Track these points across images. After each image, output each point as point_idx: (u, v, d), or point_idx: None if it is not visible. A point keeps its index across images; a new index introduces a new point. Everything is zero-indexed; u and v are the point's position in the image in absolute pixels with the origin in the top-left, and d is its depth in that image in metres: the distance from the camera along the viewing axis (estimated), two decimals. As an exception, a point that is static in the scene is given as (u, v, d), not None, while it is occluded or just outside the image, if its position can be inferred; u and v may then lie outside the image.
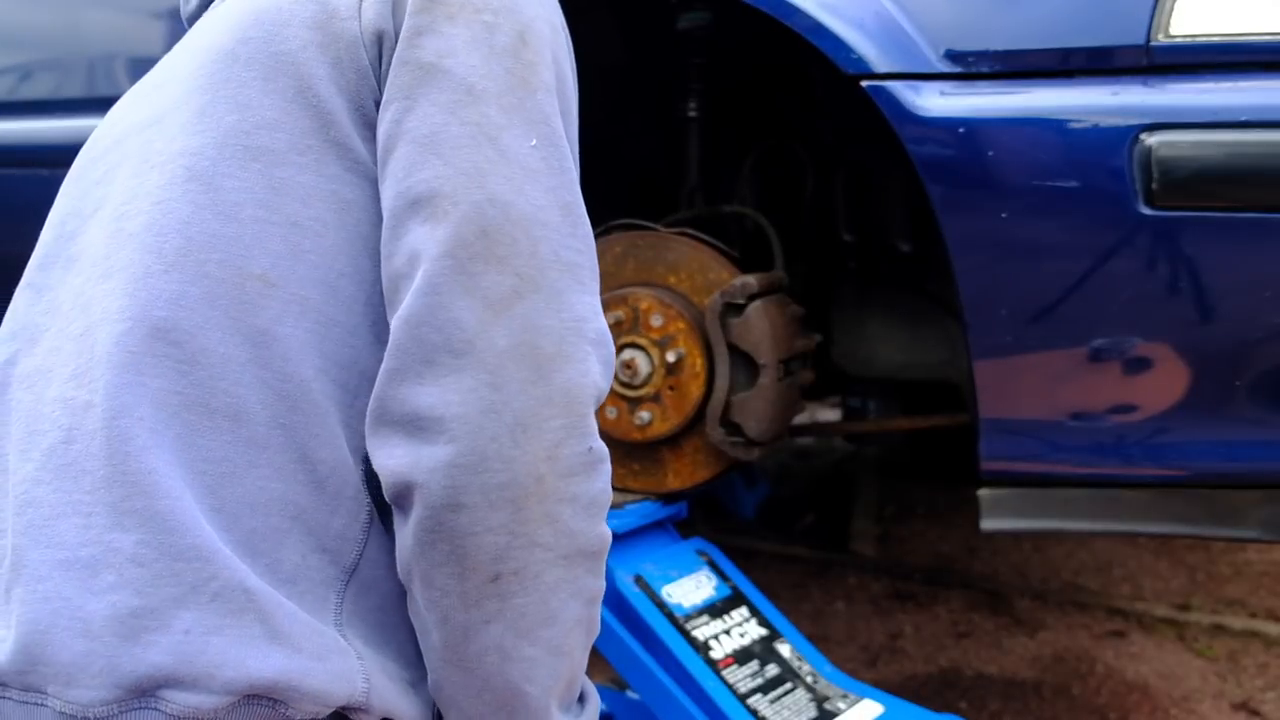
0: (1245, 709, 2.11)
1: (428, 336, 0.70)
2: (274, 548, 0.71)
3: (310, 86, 0.76)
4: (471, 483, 0.69)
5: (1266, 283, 1.24)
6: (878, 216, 1.90)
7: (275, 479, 0.72)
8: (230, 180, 0.75)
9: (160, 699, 0.66)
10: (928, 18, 1.36)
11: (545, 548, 0.72)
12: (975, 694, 2.18)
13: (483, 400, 0.69)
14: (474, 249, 0.71)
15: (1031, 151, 1.30)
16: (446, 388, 0.69)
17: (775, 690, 1.53)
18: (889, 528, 3.24)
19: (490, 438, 0.69)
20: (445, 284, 0.70)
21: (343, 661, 0.71)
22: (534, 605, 0.73)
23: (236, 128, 0.76)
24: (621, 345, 1.66)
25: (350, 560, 0.74)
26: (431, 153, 0.73)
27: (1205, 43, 1.25)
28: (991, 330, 1.37)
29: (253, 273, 0.73)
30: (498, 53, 0.76)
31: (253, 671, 0.67)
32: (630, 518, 1.67)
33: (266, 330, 0.73)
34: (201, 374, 0.71)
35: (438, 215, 0.71)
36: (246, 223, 0.74)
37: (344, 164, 0.77)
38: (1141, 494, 1.43)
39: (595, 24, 2.05)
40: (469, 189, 0.72)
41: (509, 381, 0.70)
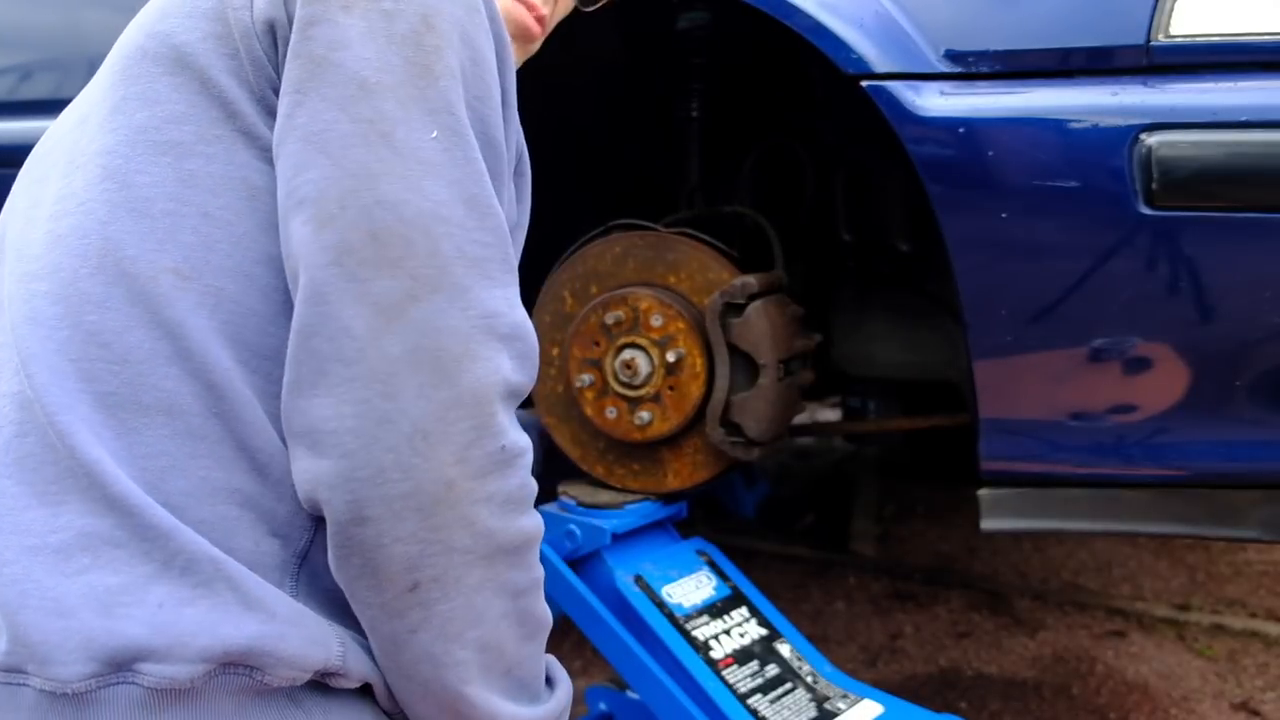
0: (1245, 709, 2.11)
1: (319, 347, 0.69)
2: (226, 536, 0.71)
3: (211, 78, 0.76)
4: (372, 495, 0.68)
5: (1266, 283, 1.24)
6: (878, 216, 1.90)
7: (217, 468, 0.72)
8: (141, 176, 0.75)
9: (137, 672, 0.67)
10: (928, 18, 1.36)
11: (463, 551, 0.71)
12: (975, 694, 2.18)
13: (376, 411, 0.67)
14: (362, 254, 0.69)
15: (1031, 151, 1.30)
16: (340, 399, 0.68)
17: (775, 690, 1.53)
18: (889, 528, 3.24)
19: (386, 448, 0.67)
20: (333, 292, 0.68)
21: (318, 627, 0.71)
22: (459, 609, 0.71)
23: (147, 124, 0.76)
24: (621, 345, 1.66)
25: (301, 545, 0.74)
26: (319, 151, 0.70)
27: (1205, 43, 1.25)
28: (991, 330, 1.37)
29: (166, 266, 0.73)
30: (396, 41, 0.73)
31: (227, 638, 0.67)
32: (630, 518, 1.67)
33: (183, 323, 0.73)
34: (130, 372, 0.72)
35: (322, 219, 0.69)
36: (158, 217, 0.74)
37: (252, 152, 0.76)
38: (1141, 494, 1.43)
39: (595, 24, 2.05)
40: (356, 191, 0.69)
41: (404, 389, 0.68)
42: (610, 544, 1.62)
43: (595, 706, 1.85)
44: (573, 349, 1.70)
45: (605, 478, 1.76)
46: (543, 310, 1.76)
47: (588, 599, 1.57)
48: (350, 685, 0.73)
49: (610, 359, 1.68)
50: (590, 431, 1.74)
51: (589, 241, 1.74)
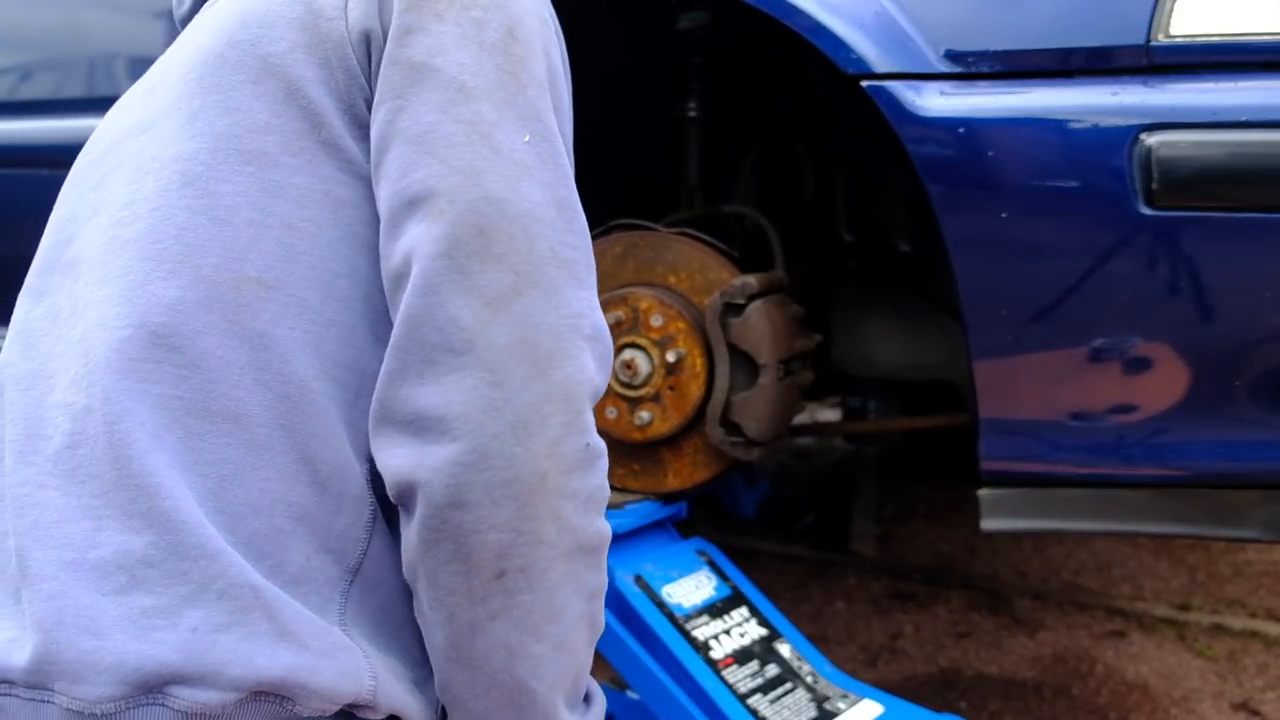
0: (1245, 709, 2.11)
1: (427, 336, 0.70)
2: (278, 549, 0.72)
3: (299, 88, 0.76)
4: (475, 480, 0.69)
5: (1266, 283, 1.24)
6: (878, 216, 1.90)
7: (278, 480, 0.72)
8: (224, 185, 0.75)
9: (168, 695, 0.67)
10: (928, 17, 1.36)
11: (550, 544, 0.72)
12: (975, 694, 2.18)
13: (484, 398, 0.69)
14: (471, 247, 0.71)
15: (1031, 151, 1.30)
16: (448, 387, 0.70)
17: (775, 690, 1.53)
18: (889, 528, 3.24)
19: (492, 435, 0.69)
20: (443, 283, 0.70)
21: (350, 659, 0.71)
22: (540, 601, 0.73)
23: (228, 132, 0.76)
24: (621, 345, 1.66)
25: (354, 560, 0.75)
26: (426, 152, 0.73)
27: (1205, 43, 1.25)
28: (991, 330, 1.37)
29: (249, 276, 0.73)
30: (487, 49, 0.76)
31: (261, 669, 0.67)
32: (630, 518, 1.67)
33: (265, 333, 0.73)
34: (201, 378, 0.72)
35: (433, 214, 0.71)
36: (241, 226, 0.74)
37: (336, 164, 0.77)
38: (1141, 494, 1.43)
39: (595, 24, 2.05)
40: (464, 187, 0.72)
41: (509, 379, 0.70)
42: (610, 544, 1.62)
43: (595, 706, 1.85)
44: (573, 349, 1.70)
45: (605, 478, 1.76)
46: (543, 310, 1.76)
47: (588, 599, 1.57)
48: (377, 717, 0.73)
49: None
50: (590, 431, 1.74)
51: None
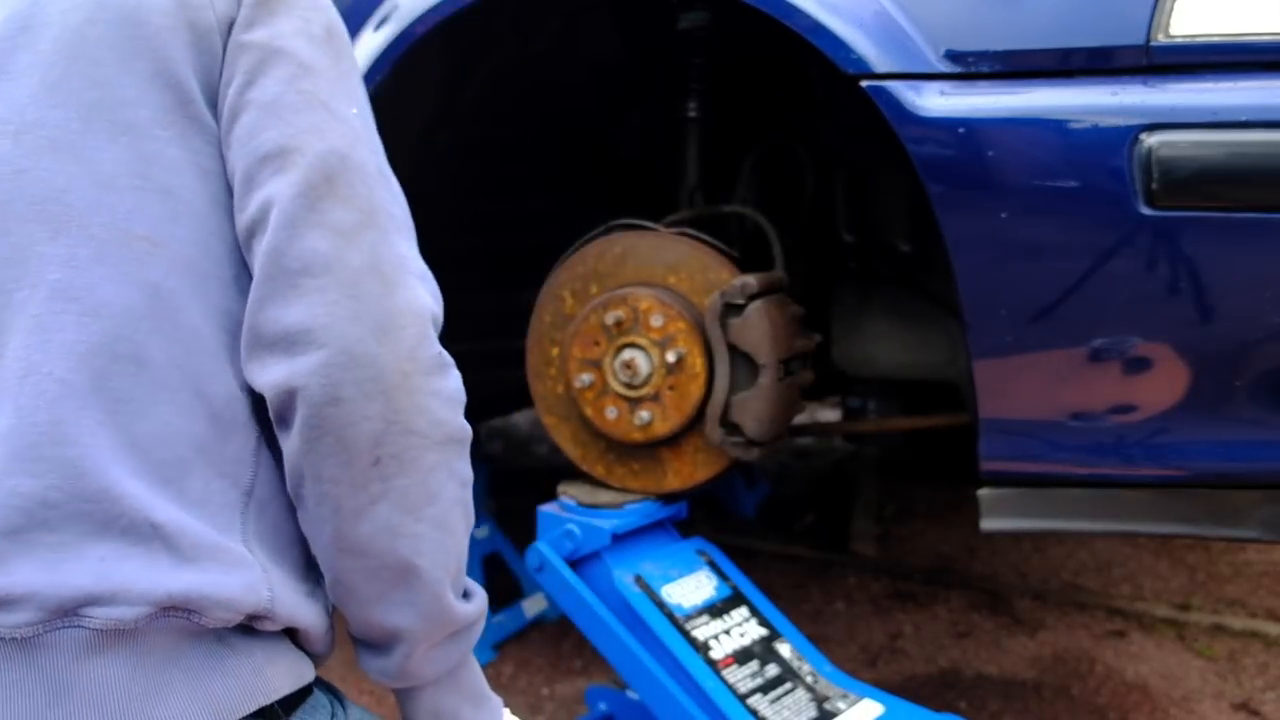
0: (1245, 709, 2.11)
1: (289, 264, 0.79)
2: (181, 476, 0.78)
3: (168, 68, 0.84)
4: (345, 378, 0.78)
5: (1266, 283, 1.24)
6: (878, 216, 1.90)
7: (177, 415, 0.79)
8: (101, 153, 0.81)
9: (83, 616, 0.73)
10: (928, 17, 1.36)
11: (420, 434, 0.81)
12: (975, 694, 2.18)
13: (345, 309, 0.79)
14: (321, 190, 0.81)
15: (1031, 151, 1.30)
16: (312, 303, 0.79)
17: (775, 690, 1.53)
18: (889, 528, 3.24)
19: (356, 339, 0.79)
20: (300, 219, 0.80)
21: (249, 573, 0.79)
22: (415, 485, 0.82)
23: (99, 103, 0.82)
24: (621, 345, 1.66)
25: (247, 482, 0.82)
26: (274, 116, 0.83)
27: (1205, 43, 1.25)
28: (991, 330, 1.37)
29: (137, 234, 0.80)
30: (316, 41, 0.88)
31: (169, 584, 0.74)
32: (630, 518, 1.67)
33: (157, 284, 0.80)
34: (104, 324, 0.78)
35: (286, 166, 0.81)
36: (124, 190, 0.81)
37: (203, 138, 0.85)
38: (1141, 494, 1.43)
39: (595, 24, 2.06)
40: (312, 142, 0.82)
41: (365, 293, 0.80)
42: (610, 544, 1.62)
43: (595, 706, 1.85)
44: (573, 349, 1.70)
45: (605, 478, 1.76)
46: (543, 310, 1.76)
47: (588, 599, 1.57)
48: (275, 629, 0.81)
49: (610, 359, 1.68)
50: (590, 431, 1.74)
51: (589, 241, 1.74)
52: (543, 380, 1.78)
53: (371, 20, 1.73)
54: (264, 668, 0.80)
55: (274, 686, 0.80)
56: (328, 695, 0.89)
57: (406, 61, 1.71)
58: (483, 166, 2.14)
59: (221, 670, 0.77)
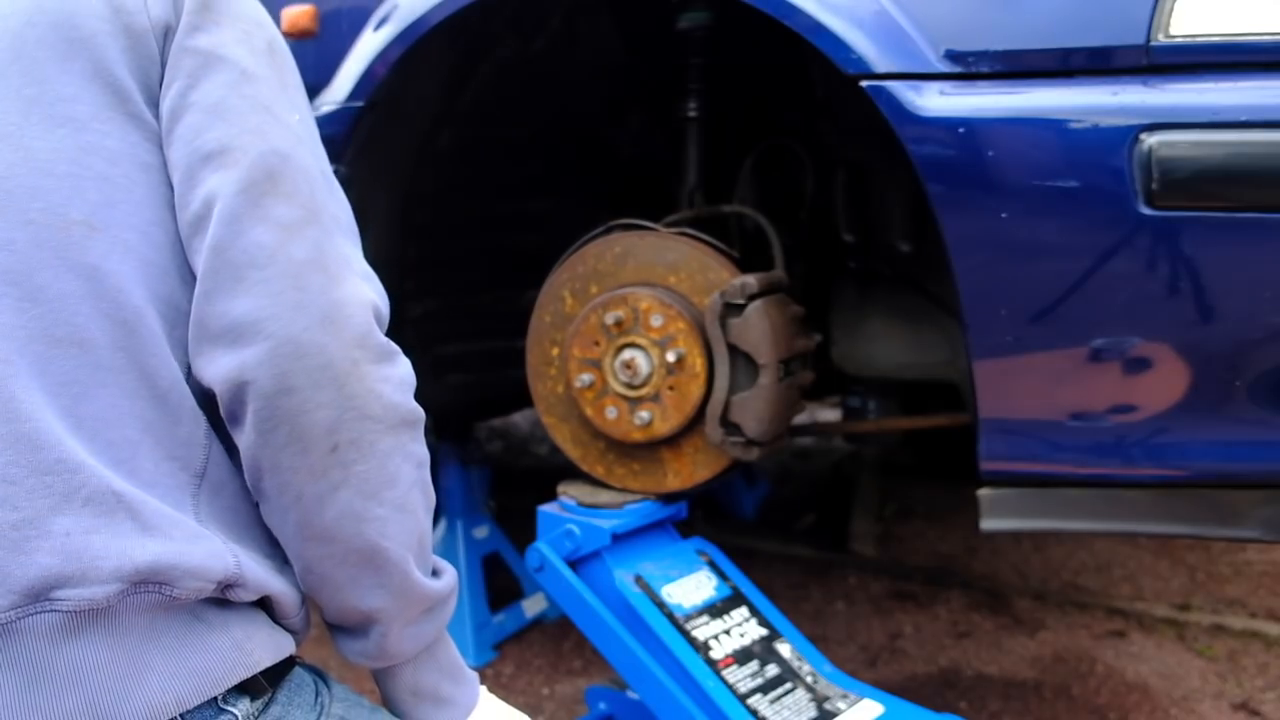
0: (1245, 709, 2.11)
1: (234, 258, 0.81)
2: (130, 457, 0.79)
3: (105, 67, 0.85)
4: (295, 367, 0.79)
5: (1266, 283, 1.24)
6: (878, 216, 1.90)
7: (123, 396, 0.79)
8: (39, 142, 0.82)
9: (54, 599, 0.73)
10: (928, 17, 1.36)
11: (374, 419, 0.83)
12: (975, 694, 2.18)
13: (290, 300, 0.80)
14: (264, 187, 0.82)
15: (1031, 151, 1.30)
16: (257, 295, 0.80)
17: (775, 690, 1.53)
18: (889, 528, 3.24)
19: (303, 328, 0.80)
20: (244, 214, 0.81)
21: (211, 544, 0.80)
22: (374, 470, 0.83)
23: (38, 98, 0.83)
24: (621, 345, 1.66)
25: (199, 465, 0.83)
26: (218, 118, 0.85)
27: (1205, 43, 1.25)
28: (991, 330, 1.37)
29: (74, 219, 0.81)
30: (258, 52, 0.90)
31: (136, 558, 0.75)
32: (630, 518, 1.67)
33: (97, 266, 0.80)
34: (42, 309, 0.78)
35: (229, 164, 0.83)
36: (62, 177, 0.81)
37: (141, 133, 0.86)
38: (1141, 494, 1.43)
39: (595, 24, 2.05)
40: (255, 142, 0.84)
41: (310, 284, 0.81)
42: (610, 544, 1.62)
43: (595, 706, 1.85)
44: (573, 349, 1.70)
45: (605, 478, 1.75)
46: (543, 310, 1.76)
47: (588, 599, 1.57)
48: (248, 598, 0.82)
49: (610, 359, 1.68)
50: (590, 431, 1.74)
51: (589, 241, 1.74)
52: (543, 380, 1.78)
53: (371, 20, 1.73)
54: (243, 641, 0.81)
55: (255, 659, 0.81)
56: (312, 675, 0.90)
57: (406, 61, 1.71)
58: (483, 166, 2.14)
59: (201, 645, 0.78)
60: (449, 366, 2.27)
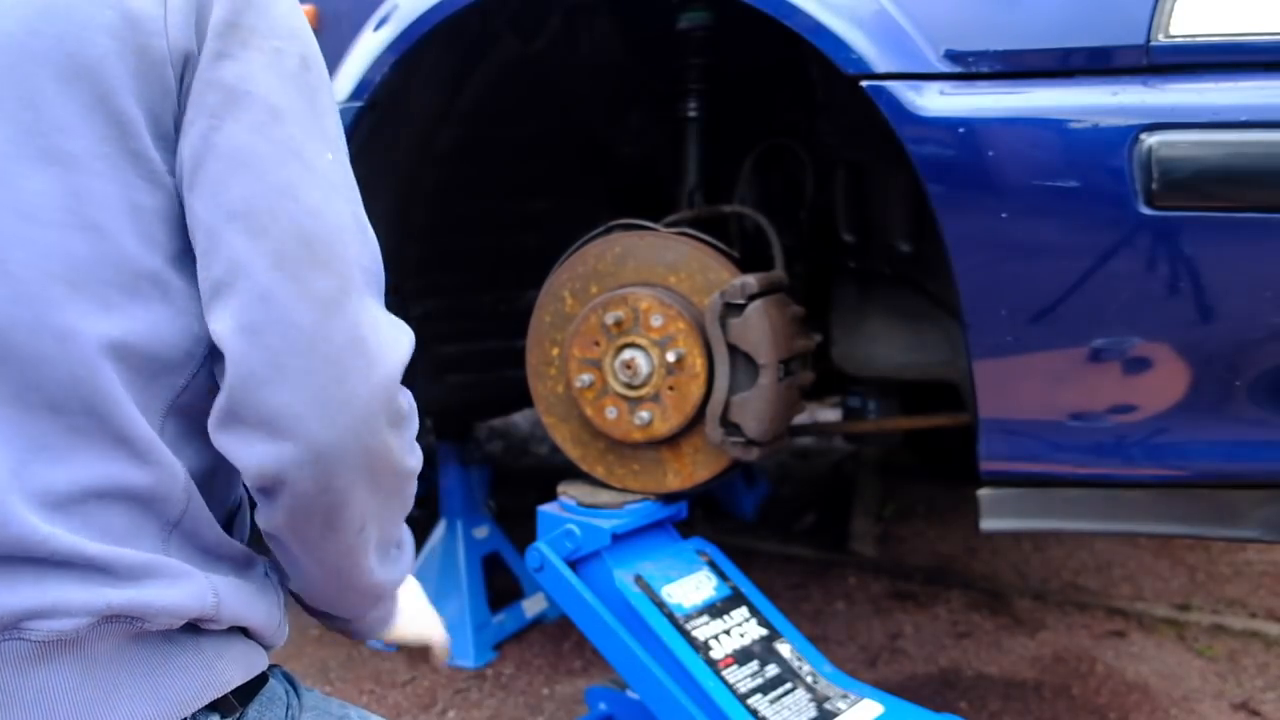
0: (1245, 709, 2.11)
1: (271, 343, 0.76)
2: (102, 516, 0.76)
3: (110, 96, 0.77)
4: (337, 469, 0.78)
5: (1266, 283, 1.24)
6: (878, 216, 1.90)
7: (98, 459, 0.76)
8: (28, 181, 0.75)
9: (24, 629, 0.72)
10: (928, 18, 1.36)
11: (398, 495, 0.86)
12: (975, 694, 2.18)
13: (333, 397, 0.77)
14: (298, 257, 0.77)
15: (1031, 151, 1.30)
16: (298, 388, 0.76)
17: (775, 690, 1.53)
18: (889, 528, 3.24)
19: (345, 428, 0.77)
20: (280, 293, 0.76)
21: (191, 583, 0.79)
22: (389, 533, 0.90)
23: (33, 127, 0.76)
24: (621, 345, 1.66)
25: (175, 516, 0.81)
26: (243, 168, 0.77)
27: (1205, 43, 1.25)
28: (991, 330, 1.37)
29: (56, 273, 0.75)
30: (287, 77, 0.81)
31: (110, 597, 0.74)
32: (630, 518, 1.67)
33: (72, 327, 0.75)
34: (14, 371, 0.74)
35: (258, 230, 0.76)
36: (47, 225, 0.75)
37: (139, 172, 0.78)
38: (1141, 494, 1.43)
39: (595, 24, 2.05)
40: (283, 202, 0.77)
41: (350, 373, 0.77)
42: (610, 544, 1.62)
43: (595, 706, 1.85)
44: (573, 349, 1.70)
45: (605, 478, 1.75)
46: (543, 310, 1.76)
47: (588, 599, 1.57)
48: (222, 629, 0.81)
49: (610, 359, 1.68)
50: (590, 431, 1.74)
51: (589, 241, 1.74)
52: (543, 380, 1.78)
53: (371, 20, 1.73)
54: (214, 661, 0.80)
55: (226, 678, 0.80)
56: (283, 684, 0.90)
57: (406, 61, 1.71)
58: (483, 166, 2.14)
59: (171, 667, 0.77)
60: (449, 366, 2.27)
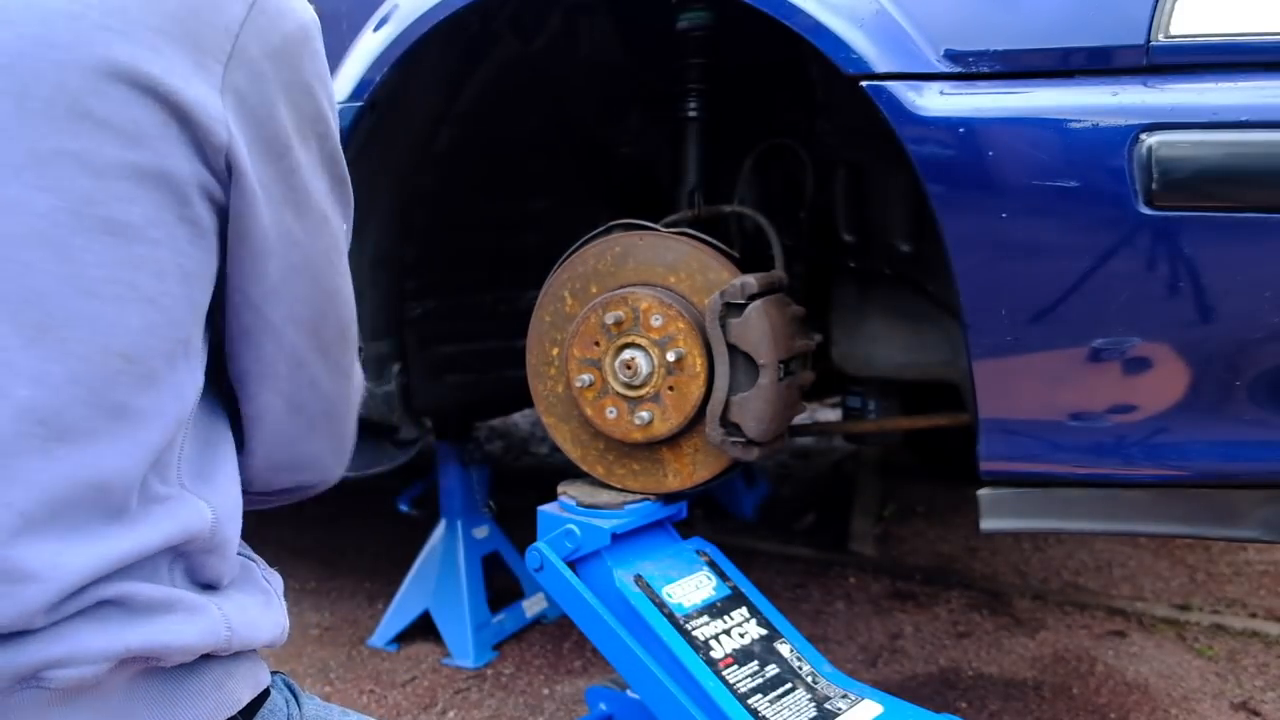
0: (1245, 709, 2.11)
1: (307, 405, 0.91)
2: (119, 567, 0.75)
3: (163, 162, 0.74)
4: (331, 482, 1.01)
5: (1266, 283, 1.24)
6: (878, 216, 1.90)
7: (129, 539, 0.75)
8: (88, 255, 0.72)
9: (42, 679, 0.71)
10: (928, 17, 1.36)
11: None
12: (975, 694, 2.18)
13: (345, 444, 0.99)
14: (331, 339, 0.91)
15: (1031, 151, 1.30)
16: (324, 437, 0.95)
17: (775, 690, 1.53)
18: (889, 528, 3.24)
19: (341, 462, 1.00)
20: (313, 365, 0.90)
21: (205, 618, 0.79)
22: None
23: (94, 196, 0.72)
24: (621, 345, 1.66)
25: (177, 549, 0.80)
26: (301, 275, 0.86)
27: (1205, 43, 1.25)
28: (991, 330, 1.37)
29: (114, 350, 0.73)
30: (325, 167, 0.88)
31: (128, 640, 0.74)
32: (630, 518, 1.67)
33: (126, 404, 0.74)
34: (65, 449, 0.71)
35: (310, 329, 0.89)
36: (108, 300, 0.73)
37: (189, 238, 0.77)
38: (1141, 494, 1.43)
39: (595, 24, 2.06)
40: (335, 306, 0.91)
41: (351, 419, 0.98)
42: (610, 544, 1.62)
43: (595, 706, 1.85)
44: (573, 349, 1.70)
45: (605, 478, 1.76)
46: (543, 310, 1.76)
47: (588, 599, 1.57)
48: (230, 653, 0.82)
49: (610, 359, 1.68)
50: (590, 431, 1.74)
51: (589, 241, 1.74)
52: (543, 380, 1.78)
53: (371, 20, 1.73)
54: (224, 681, 0.80)
55: (236, 697, 0.81)
56: (284, 694, 0.90)
57: (406, 61, 1.71)
58: (482, 166, 2.14)
59: (184, 694, 0.78)
60: (449, 366, 2.27)
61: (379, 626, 2.49)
